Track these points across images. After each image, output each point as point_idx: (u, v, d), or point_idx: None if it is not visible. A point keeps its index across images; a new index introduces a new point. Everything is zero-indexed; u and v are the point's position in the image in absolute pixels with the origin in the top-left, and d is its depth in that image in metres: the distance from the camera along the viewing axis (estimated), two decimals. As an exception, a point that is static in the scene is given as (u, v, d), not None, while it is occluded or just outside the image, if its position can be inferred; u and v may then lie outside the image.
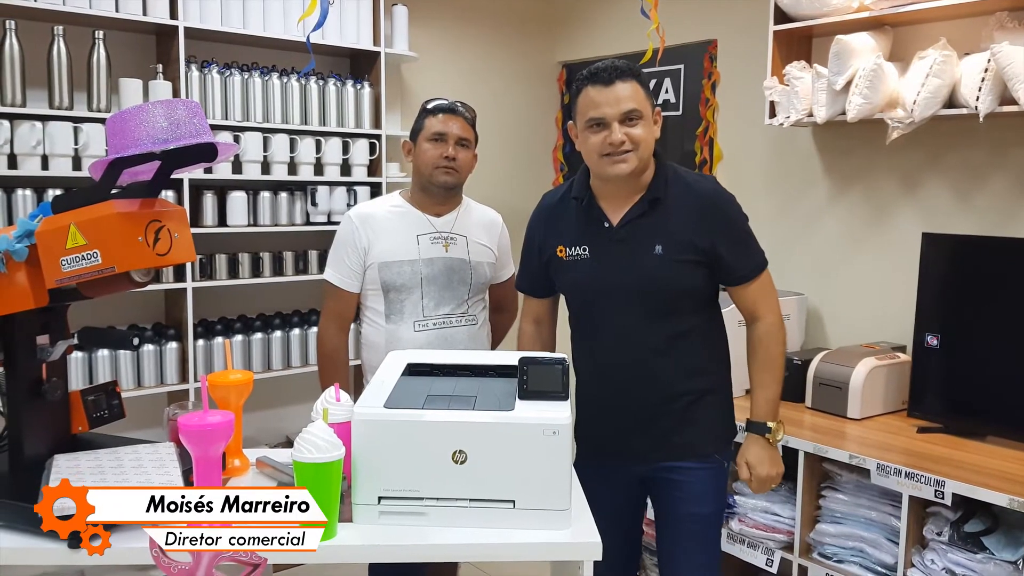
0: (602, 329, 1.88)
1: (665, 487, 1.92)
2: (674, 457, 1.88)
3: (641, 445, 1.89)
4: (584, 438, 1.99)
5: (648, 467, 1.92)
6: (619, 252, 1.83)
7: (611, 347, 1.88)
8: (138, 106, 1.41)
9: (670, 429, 1.88)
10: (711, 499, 1.92)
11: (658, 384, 1.86)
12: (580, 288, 1.91)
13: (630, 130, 1.76)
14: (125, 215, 1.39)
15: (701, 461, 1.90)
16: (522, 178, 4.07)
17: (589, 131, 1.79)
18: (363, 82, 3.43)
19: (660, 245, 1.80)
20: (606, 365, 1.90)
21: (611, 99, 1.75)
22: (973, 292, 2.44)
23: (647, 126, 1.78)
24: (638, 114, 1.76)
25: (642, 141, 1.77)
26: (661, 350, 1.84)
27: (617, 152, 1.76)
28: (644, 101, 1.78)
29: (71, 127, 2.77)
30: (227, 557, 1.28)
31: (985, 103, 2.34)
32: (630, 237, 1.83)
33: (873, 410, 2.59)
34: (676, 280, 1.81)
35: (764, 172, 3.24)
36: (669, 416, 1.87)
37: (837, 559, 2.36)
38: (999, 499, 1.98)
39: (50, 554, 1.33)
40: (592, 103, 1.77)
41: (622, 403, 1.89)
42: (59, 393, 1.58)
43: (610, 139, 1.75)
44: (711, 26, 3.43)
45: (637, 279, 1.81)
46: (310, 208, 3.34)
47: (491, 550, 1.36)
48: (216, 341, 3.12)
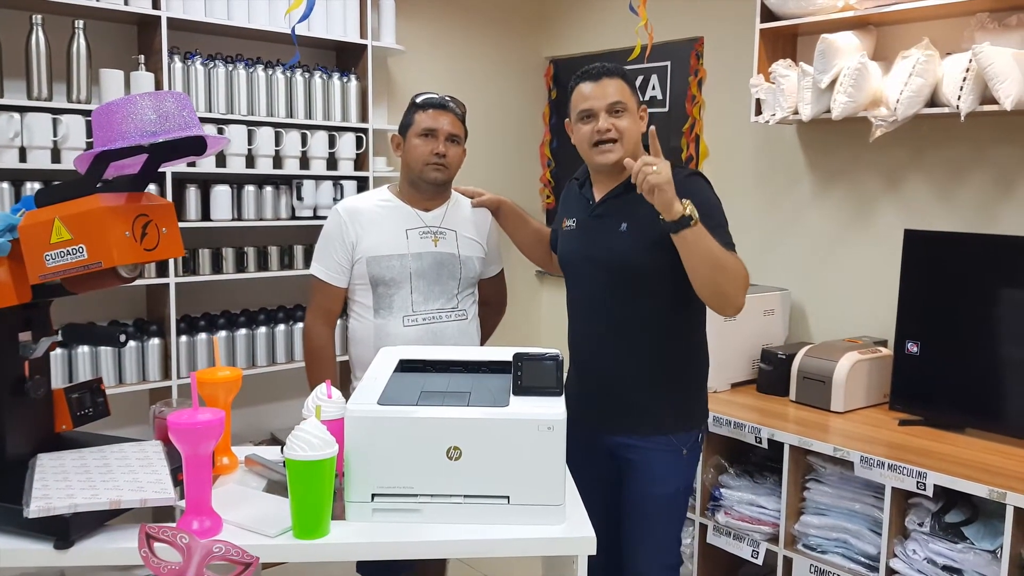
0: (580, 299, 2.08)
1: (624, 464, 2.03)
2: (630, 432, 1.99)
3: (603, 417, 2.02)
4: (567, 398, 2.05)
5: (611, 439, 2.02)
6: (594, 227, 2.01)
7: (583, 316, 2.07)
8: (125, 98, 1.39)
9: (625, 405, 1.99)
10: (666, 480, 1.99)
11: (615, 358, 1.99)
12: (567, 257, 2.11)
13: (616, 121, 1.93)
14: (112, 209, 1.37)
15: (654, 441, 1.98)
16: (509, 173, 4.06)
17: (581, 123, 1.98)
18: (349, 75, 3.40)
19: (626, 223, 1.95)
20: (579, 332, 2.09)
21: (599, 93, 1.94)
22: (953, 287, 2.47)
23: (632, 119, 1.96)
24: (623, 106, 1.94)
25: (627, 132, 1.94)
26: (623, 327, 1.97)
27: (604, 140, 1.93)
28: (629, 96, 1.96)
29: (50, 118, 2.71)
30: (218, 556, 1.26)
31: (966, 102, 2.37)
32: (604, 214, 2.00)
33: (856, 403, 2.62)
34: (636, 258, 1.92)
35: (750, 169, 3.26)
36: (624, 391, 1.99)
37: (821, 550, 2.39)
38: (979, 490, 2.02)
39: (35, 555, 1.31)
40: (583, 97, 1.96)
41: (587, 371, 2.05)
42: (42, 391, 1.55)
43: (597, 127, 1.93)
44: (698, 24, 3.44)
45: (604, 253, 1.97)
46: (295, 202, 3.30)
47: (485, 546, 1.36)
48: (199, 337, 3.09)
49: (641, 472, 1.99)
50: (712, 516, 2.63)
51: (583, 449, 1.94)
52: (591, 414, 2.00)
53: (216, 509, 1.37)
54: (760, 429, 2.46)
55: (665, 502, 2.01)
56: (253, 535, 1.34)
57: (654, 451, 1.98)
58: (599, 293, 1.99)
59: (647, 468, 1.99)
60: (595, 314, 2.01)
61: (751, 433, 2.48)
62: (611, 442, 2.03)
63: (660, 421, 1.98)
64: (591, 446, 2.03)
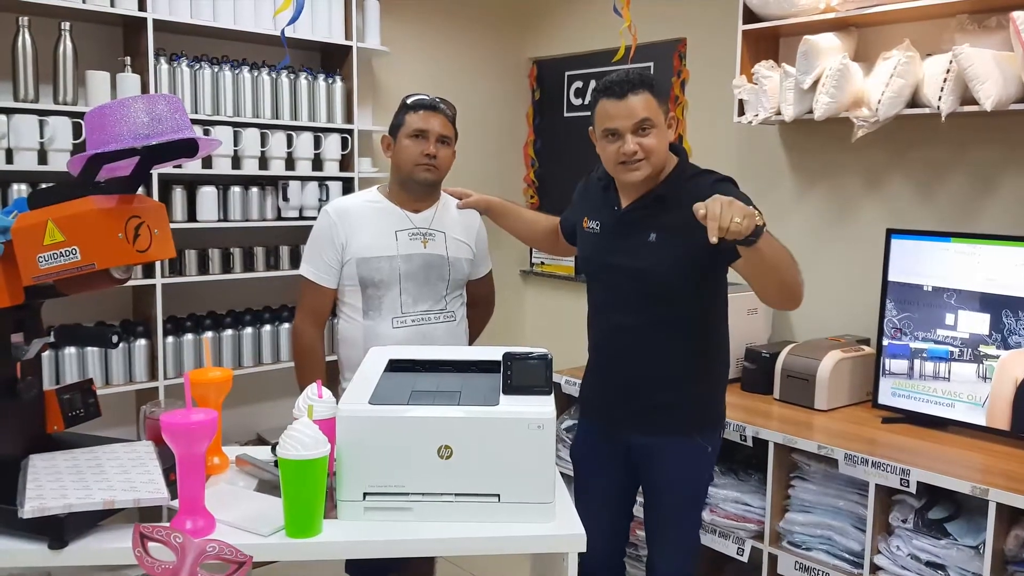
0: (602, 301, 2.05)
1: (646, 462, 2.04)
2: (652, 433, 2.00)
3: (623, 416, 2.02)
4: (583, 399, 2.16)
5: (632, 439, 2.03)
6: (620, 234, 1.96)
7: (605, 319, 2.04)
8: (118, 101, 1.40)
9: (650, 407, 1.99)
10: (688, 477, 2.03)
11: (640, 362, 1.98)
12: (588, 259, 2.09)
13: (642, 140, 1.85)
14: (105, 211, 1.38)
15: (680, 442, 1.99)
16: (493, 174, 4.08)
17: (605, 140, 1.91)
18: (334, 76, 3.41)
19: (655, 234, 1.91)
20: (601, 334, 2.08)
21: (624, 112, 1.84)
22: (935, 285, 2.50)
23: (659, 134, 1.87)
24: (650, 123, 1.85)
25: (655, 150, 1.87)
26: (646, 332, 1.96)
27: (631, 161, 1.86)
28: (656, 110, 1.87)
29: (36, 120, 2.71)
30: (212, 555, 1.27)
31: (947, 103, 2.40)
32: (631, 222, 1.96)
33: (839, 401, 2.65)
34: (663, 268, 1.90)
35: (732, 169, 3.23)
36: (649, 394, 1.98)
37: (806, 547, 2.41)
38: (962, 486, 2.04)
39: (29, 555, 1.32)
40: (607, 115, 1.87)
41: (609, 373, 2.04)
42: (34, 392, 1.56)
43: (623, 149, 1.86)
44: (681, 25, 3.46)
45: (630, 261, 1.93)
46: (281, 203, 3.31)
47: (476, 544, 1.38)
48: (186, 338, 3.09)
49: (664, 471, 2.00)
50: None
51: (594, 443, 2.04)
52: (613, 415, 2.02)
53: (208, 509, 1.38)
54: (745, 427, 2.49)
55: (690, 502, 2.05)
56: (246, 534, 1.35)
57: (682, 452, 1.99)
58: (623, 297, 1.97)
59: (669, 467, 2.00)
60: (618, 318, 1.99)
61: (736, 431, 2.51)
62: (633, 443, 2.03)
63: (696, 422, 2.00)
64: (601, 441, 2.07)
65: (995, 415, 2.31)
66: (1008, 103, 2.32)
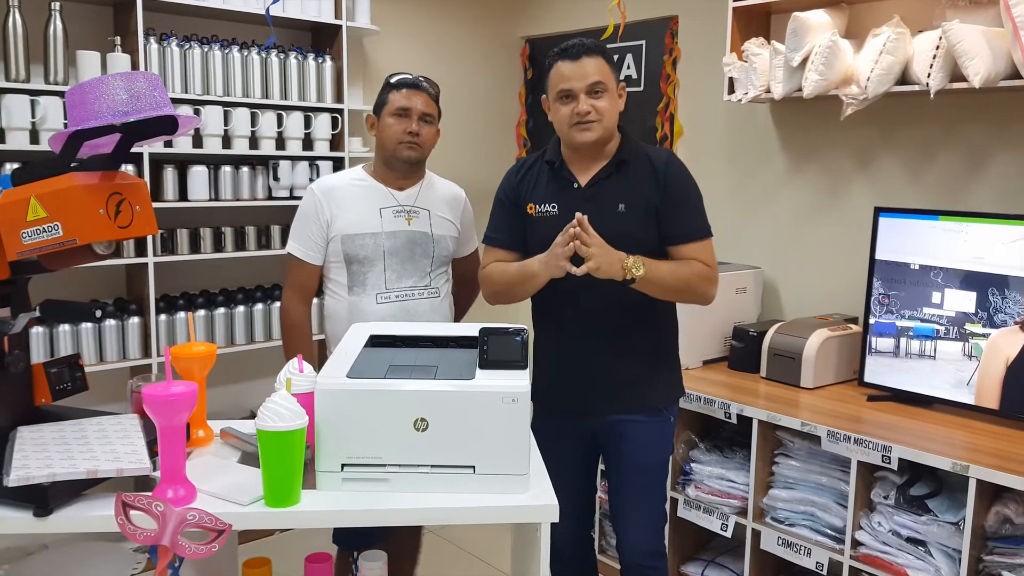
0: (569, 284, 1.94)
1: (615, 440, 2.06)
2: (626, 410, 2.03)
3: (596, 400, 2.03)
4: (543, 397, 2.07)
5: (601, 420, 2.05)
6: (586, 209, 1.92)
7: (574, 301, 2.00)
8: (98, 78, 1.41)
9: (625, 383, 2.01)
10: (658, 449, 2.09)
11: (616, 338, 1.99)
12: (549, 243, 1.95)
13: (595, 101, 1.92)
14: (86, 187, 1.39)
15: (651, 414, 2.04)
16: (485, 153, 4.08)
17: (559, 102, 1.96)
18: (324, 56, 3.41)
19: (623, 203, 1.96)
20: (569, 320, 2.03)
21: (579, 72, 1.91)
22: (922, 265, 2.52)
23: (611, 99, 1.94)
24: (603, 87, 1.92)
25: (606, 112, 1.93)
26: (621, 304, 1.96)
27: (583, 121, 1.91)
28: (609, 75, 1.94)
29: (28, 100, 2.72)
30: (192, 523, 1.30)
31: (936, 80, 2.39)
32: (597, 196, 1.97)
33: (825, 380, 2.67)
34: (637, 236, 1.94)
35: (723, 148, 3.30)
36: (624, 370, 2.00)
37: (789, 523, 2.44)
38: (943, 463, 2.06)
39: (16, 522, 1.34)
40: (562, 76, 1.94)
41: (581, 358, 2.02)
42: (21, 365, 1.58)
43: (577, 109, 1.91)
44: (672, 2, 3.45)
45: (603, 234, 1.88)
46: (272, 183, 3.32)
47: (452, 514, 1.40)
48: (179, 316, 3.11)
49: (635, 443, 2.04)
50: (683, 490, 2.68)
51: (559, 439, 2.00)
52: (582, 400, 2.03)
53: (191, 479, 1.40)
54: (729, 405, 2.51)
55: (658, 469, 2.11)
56: (226, 503, 1.37)
57: (651, 423, 2.04)
58: (589, 276, 1.89)
59: (640, 439, 2.04)
60: (591, 296, 1.95)
61: (720, 409, 2.53)
62: (599, 423, 2.05)
63: (655, 395, 2.05)
64: (567, 434, 2.07)
65: (983, 394, 2.32)
66: (997, 80, 2.30)
